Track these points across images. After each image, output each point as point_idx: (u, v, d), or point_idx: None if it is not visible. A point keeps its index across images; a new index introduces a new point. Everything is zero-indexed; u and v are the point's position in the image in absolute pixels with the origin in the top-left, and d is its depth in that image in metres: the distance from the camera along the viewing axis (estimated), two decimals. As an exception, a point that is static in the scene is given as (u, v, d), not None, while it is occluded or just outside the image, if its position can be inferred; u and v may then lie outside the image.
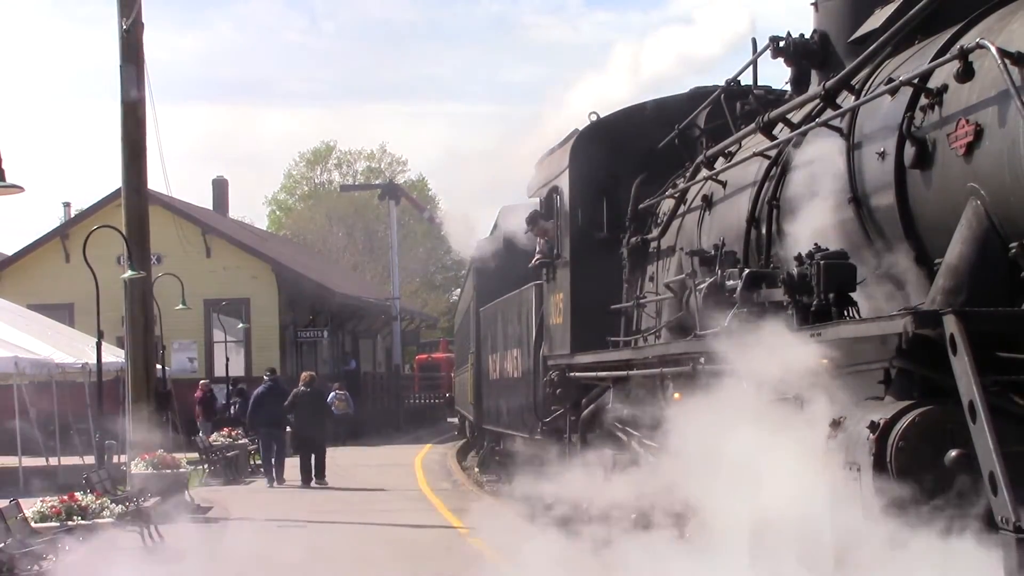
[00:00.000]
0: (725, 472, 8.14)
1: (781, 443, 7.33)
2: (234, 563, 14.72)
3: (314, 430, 24.84)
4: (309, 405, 24.90)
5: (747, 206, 9.99)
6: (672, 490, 9.85)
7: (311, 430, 24.82)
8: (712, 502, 8.54)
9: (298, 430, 25.42)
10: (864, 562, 6.42)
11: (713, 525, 8.61)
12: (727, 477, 8.11)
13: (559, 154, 15.74)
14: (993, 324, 6.30)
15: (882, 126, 7.70)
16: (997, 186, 6.44)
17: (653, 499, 10.61)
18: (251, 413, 26.23)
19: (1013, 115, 6.21)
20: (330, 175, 77.92)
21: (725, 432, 8.12)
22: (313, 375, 26.32)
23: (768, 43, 10.36)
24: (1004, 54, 6.28)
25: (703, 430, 8.65)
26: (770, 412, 7.77)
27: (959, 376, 5.93)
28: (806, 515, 6.97)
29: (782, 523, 7.26)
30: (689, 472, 9.00)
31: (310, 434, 24.84)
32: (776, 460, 7.30)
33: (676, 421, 9.56)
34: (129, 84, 20.80)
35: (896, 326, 6.50)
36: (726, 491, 8.10)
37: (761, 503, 7.51)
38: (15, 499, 12.91)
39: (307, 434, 24.90)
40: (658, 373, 11.22)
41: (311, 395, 25.12)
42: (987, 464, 5.62)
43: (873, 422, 6.43)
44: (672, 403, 10.62)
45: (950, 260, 6.71)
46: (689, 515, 9.76)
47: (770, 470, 7.37)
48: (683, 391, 10.38)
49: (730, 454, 8.01)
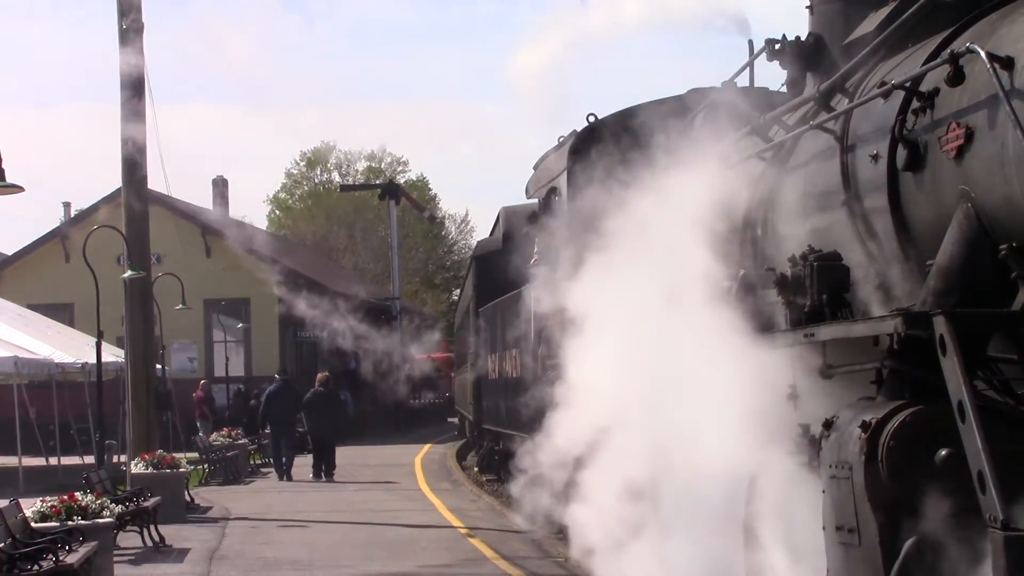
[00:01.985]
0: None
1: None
2: (234, 563, 14.80)
3: (327, 429, 26.12)
4: (323, 405, 26.25)
5: (743, 207, 10.05)
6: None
7: (324, 429, 26.05)
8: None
9: (311, 429, 26.55)
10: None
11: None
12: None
13: (557, 155, 15.83)
14: (982, 325, 6.38)
15: (875, 129, 7.76)
16: (987, 189, 6.50)
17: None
18: (263, 411, 27.75)
19: (1002, 119, 6.27)
20: (330, 175, 78.08)
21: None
22: (328, 376, 27.88)
23: (764, 45, 10.42)
24: (993, 58, 6.35)
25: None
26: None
27: (948, 376, 6.00)
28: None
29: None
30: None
31: (323, 433, 26.12)
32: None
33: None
34: (129, 84, 20.88)
35: (887, 327, 6.59)
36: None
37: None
38: (15, 499, 12.94)
39: (320, 433, 26.17)
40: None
41: (325, 396, 26.54)
42: (976, 463, 5.69)
43: (865, 422, 6.50)
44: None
45: (941, 262, 6.77)
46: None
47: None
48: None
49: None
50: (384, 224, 61.66)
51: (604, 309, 10.96)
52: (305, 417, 26.71)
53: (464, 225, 78.92)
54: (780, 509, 7.96)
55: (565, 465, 11.94)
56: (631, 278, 10.28)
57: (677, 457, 9.51)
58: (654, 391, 10.10)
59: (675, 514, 9.67)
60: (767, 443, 8.13)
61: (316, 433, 26.48)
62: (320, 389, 26.66)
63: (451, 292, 73.21)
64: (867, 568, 6.55)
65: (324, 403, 26.43)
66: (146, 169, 21.27)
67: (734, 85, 11.83)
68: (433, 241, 75.68)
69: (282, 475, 26.31)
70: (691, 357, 9.04)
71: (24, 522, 12.39)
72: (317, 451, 26.41)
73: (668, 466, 10.17)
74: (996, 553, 5.48)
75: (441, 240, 77.70)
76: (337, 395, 28.36)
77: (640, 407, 10.32)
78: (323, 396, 26.55)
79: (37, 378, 26.79)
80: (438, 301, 73.16)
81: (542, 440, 12.29)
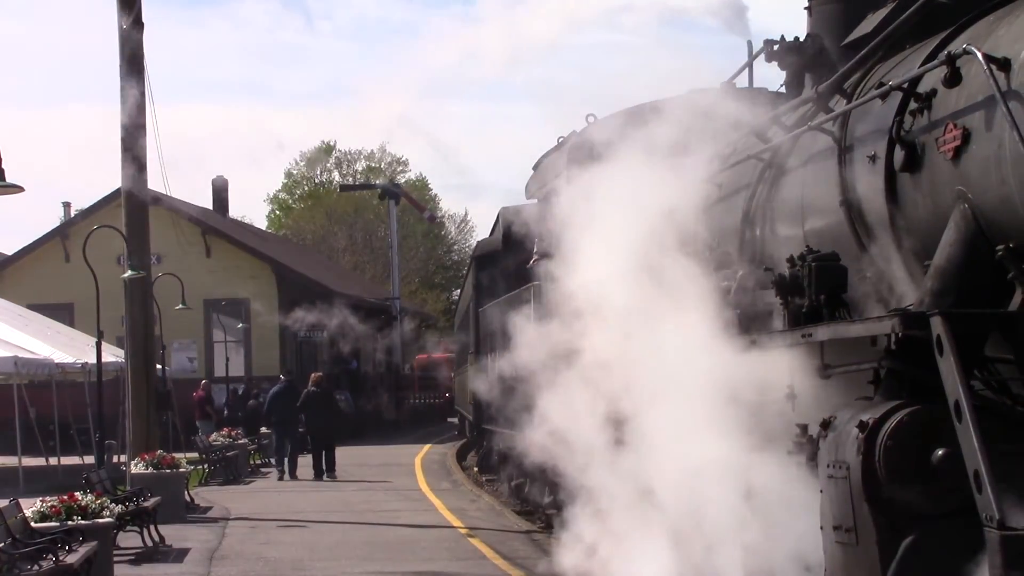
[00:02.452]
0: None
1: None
2: (234, 563, 14.83)
3: (324, 428, 26.67)
4: (319, 404, 26.81)
5: (741, 208, 10.09)
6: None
7: (321, 428, 26.65)
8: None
9: (309, 428, 27.27)
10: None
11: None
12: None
13: (557, 156, 15.87)
14: (978, 325, 6.40)
15: (873, 130, 7.79)
16: (984, 190, 6.53)
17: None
18: (267, 411, 28.53)
19: (999, 120, 6.29)
20: (330, 175, 78.16)
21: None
22: (322, 376, 28.51)
23: (763, 46, 10.45)
24: (990, 59, 6.37)
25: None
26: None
27: (945, 376, 6.03)
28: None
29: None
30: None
31: (320, 432, 26.72)
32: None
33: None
34: (129, 84, 20.89)
35: (884, 327, 6.61)
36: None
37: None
38: (15, 499, 12.94)
39: (318, 432, 26.80)
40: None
41: (320, 395, 27.15)
42: (972, 463, 5.72)
43: (862, 421, 6.53)
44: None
45: (938, 262, 6.80)
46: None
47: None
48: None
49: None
50: (384, 224, 61.71)
51: (601, 310, 11.00)
52: (304, 417, 27.34)
53: (464, 225, 79.06)
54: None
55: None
56: (627, 279, 10.32)
57: (675, 457, 9.54)
58: (651, 391, 10.15)
59: (670, 514, 9.70)
60: (765, 443, 8.17)
61: (313, 432, 27.07)
62: (314, 389, 27.22)
63: (451, 292, 73.24)
64: (865, 567, 6.57)
65: (319, 402, 26.97)
66: (146, 169, 21.28)
67: (733, 85, 11.88)
68: (433, 241, 75.71)
69: (283, 474, 26.78)
70: (688, 357, 9.07)
71: (24, 522, 12.39)
72: (316, 450, 26.89)
73: (665, 465, 10.23)
74: (992, 552, 5.51)
75: (441, 240, 77.75)
76: (332, 394, 28.93)
77: (637, 407, 10.37)
78: (318, 395, 27.12)
79: (37, 378, 26.78)
80: (438, 301, 73.21)
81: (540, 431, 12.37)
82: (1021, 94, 6.24)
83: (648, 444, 10.04)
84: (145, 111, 21.01)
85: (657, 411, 9.94)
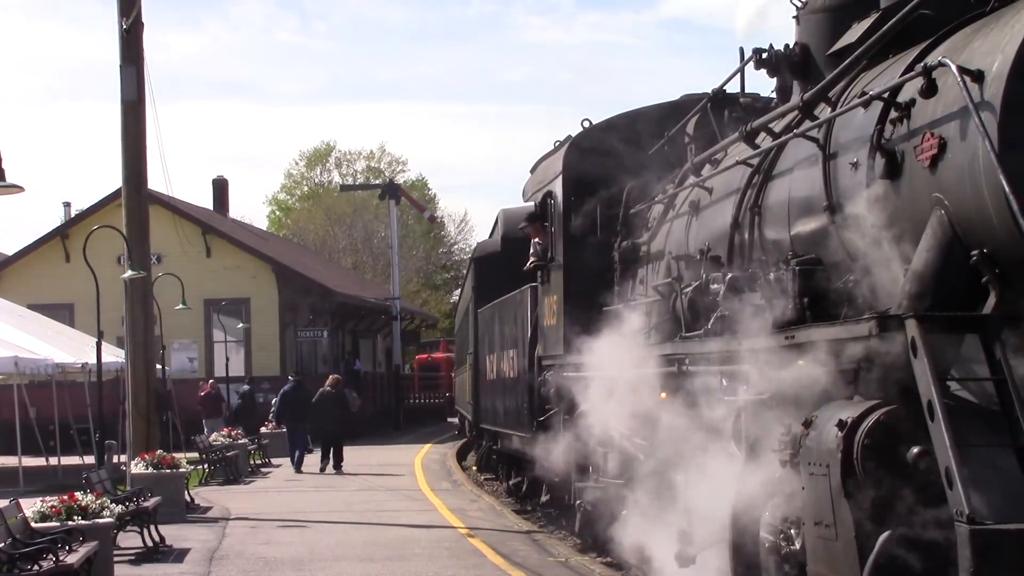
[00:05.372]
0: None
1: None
2: (234, 563, 14.93)
3: (336, 425, 28.57)
4: (331, 404, 28.70)
5: (731, 212, 10.28)
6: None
7: (333, 425, 28.56)
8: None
9: (321, 425, 29.16)
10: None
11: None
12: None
13: (553, 159, 16.06)
14: (953, 328, 6.60)
15: (855, 137, 7.98)
16: (959, 197, 6.73)
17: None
18: (278, 409, 30.51)
19: (973, 130, 6.49)
20: (330, 175, 78.24)
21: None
22: (338, 378, 30.49)
23: (752, 54, 10.64)
24: (964, 71, 6.57)
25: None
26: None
27: (919, 377, 6.24)
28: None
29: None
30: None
31: (332, 429, 28.63)
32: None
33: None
34: (129, 84, 20.94)
35: (862, 329, 6.83)
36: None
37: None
38: (15, 499, 12.94)
39: (329, 429, 28.71)
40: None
41: (334, 396, 29.00)
42: (944, 459, 5.93)
43: (841, 420, 6.74)
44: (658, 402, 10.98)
45: (916, 267, 7.00)
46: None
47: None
48: (668, 391, 10.74)
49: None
50: (384, 224, 61.80)
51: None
52: (311, 415, 29.12)
53: (464, 225, 79.16)
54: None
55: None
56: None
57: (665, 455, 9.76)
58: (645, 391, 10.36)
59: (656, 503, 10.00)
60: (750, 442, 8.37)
61: (325, 428, 28.74)
62: (329, 389, 28.92)
63: (451, 293, 73.34)
64: (844, 562, 6.78)
65: (331, 403, 28.59)
66: (147, 169, 21.38)
67: (723, 91, 12.09)
68: (433, 241, 75.80)
69: (297, 468, 28.37)
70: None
71: (24, 522, 12.38)
72: (325, 447, 28.55)
73: (661, 464, 10.47)
74: (962, 545, 5.72)
75: (441, 240, 77.85)
76: (344, 395, 29.92)
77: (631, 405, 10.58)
78: (331, 396, 28.74)
79: (37, 378, 26.86)
80: (438, 302, 73.33)
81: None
82: (993, 105, 6.44)
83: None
84: (145, 111, 21.12)
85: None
